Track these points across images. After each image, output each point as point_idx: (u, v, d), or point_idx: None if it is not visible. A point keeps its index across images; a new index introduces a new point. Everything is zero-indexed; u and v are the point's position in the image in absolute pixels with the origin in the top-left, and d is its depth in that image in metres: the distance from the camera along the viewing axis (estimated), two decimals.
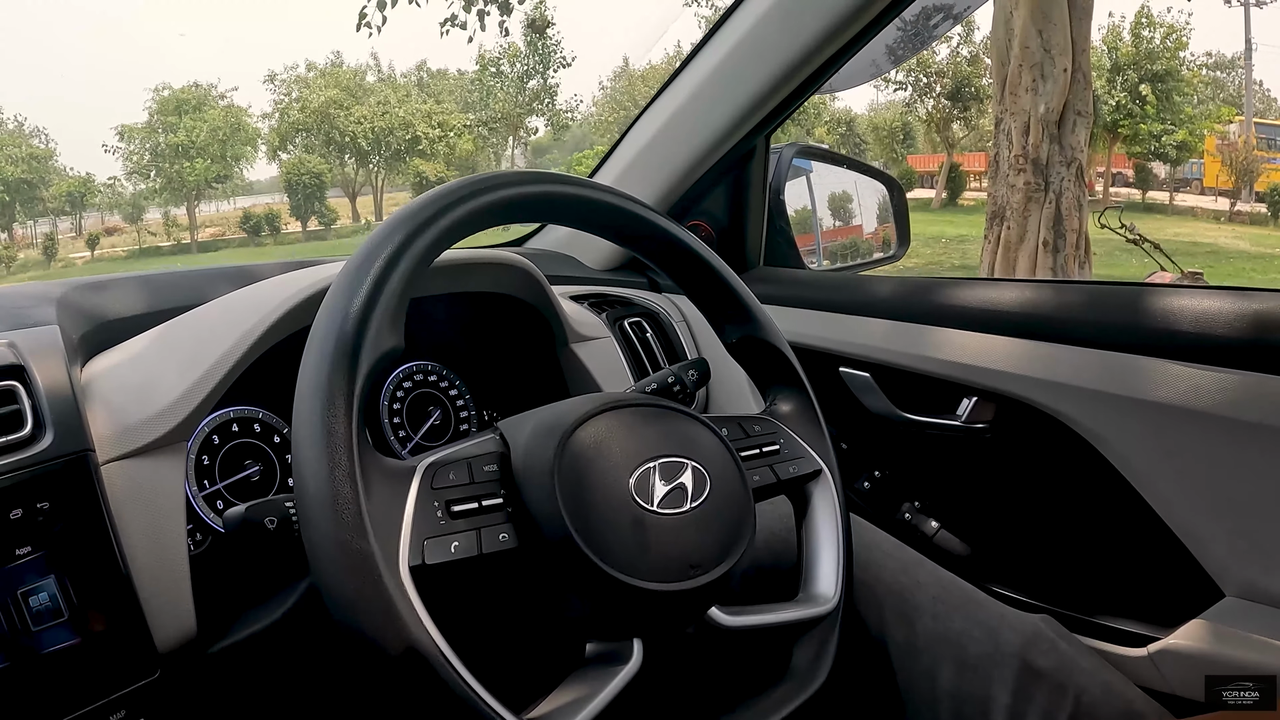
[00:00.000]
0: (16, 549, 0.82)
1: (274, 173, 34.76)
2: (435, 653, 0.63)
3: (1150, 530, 1.14)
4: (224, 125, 31.19)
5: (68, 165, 32.97)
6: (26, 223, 31.50)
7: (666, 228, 0.95)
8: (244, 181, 35.02)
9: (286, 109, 32.86)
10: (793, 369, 1.01)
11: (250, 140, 32.67)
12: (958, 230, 19.05)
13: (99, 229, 32.35)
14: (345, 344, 0.68)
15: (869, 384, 1.42)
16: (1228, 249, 18.11)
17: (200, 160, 30.27)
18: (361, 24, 12.67)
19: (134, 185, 31.67)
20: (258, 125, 33.27)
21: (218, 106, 31.87)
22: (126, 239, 32.20)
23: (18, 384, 0.88)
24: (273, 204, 33.93)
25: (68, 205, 31.55)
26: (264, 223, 31.11)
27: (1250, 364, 1.07)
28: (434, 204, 0.77)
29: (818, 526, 0.97)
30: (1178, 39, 24.92)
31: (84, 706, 0.83)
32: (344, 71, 34.22)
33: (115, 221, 33.07)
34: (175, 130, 30.32)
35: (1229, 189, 23.72)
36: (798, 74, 1.43)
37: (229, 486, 1.10)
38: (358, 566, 0.62)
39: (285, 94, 33.35)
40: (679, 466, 0.80)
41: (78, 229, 32.81)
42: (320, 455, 0.64)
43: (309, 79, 33.64)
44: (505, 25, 13.40)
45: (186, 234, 31.44)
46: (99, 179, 32.19)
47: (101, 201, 32.31)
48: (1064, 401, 1.20)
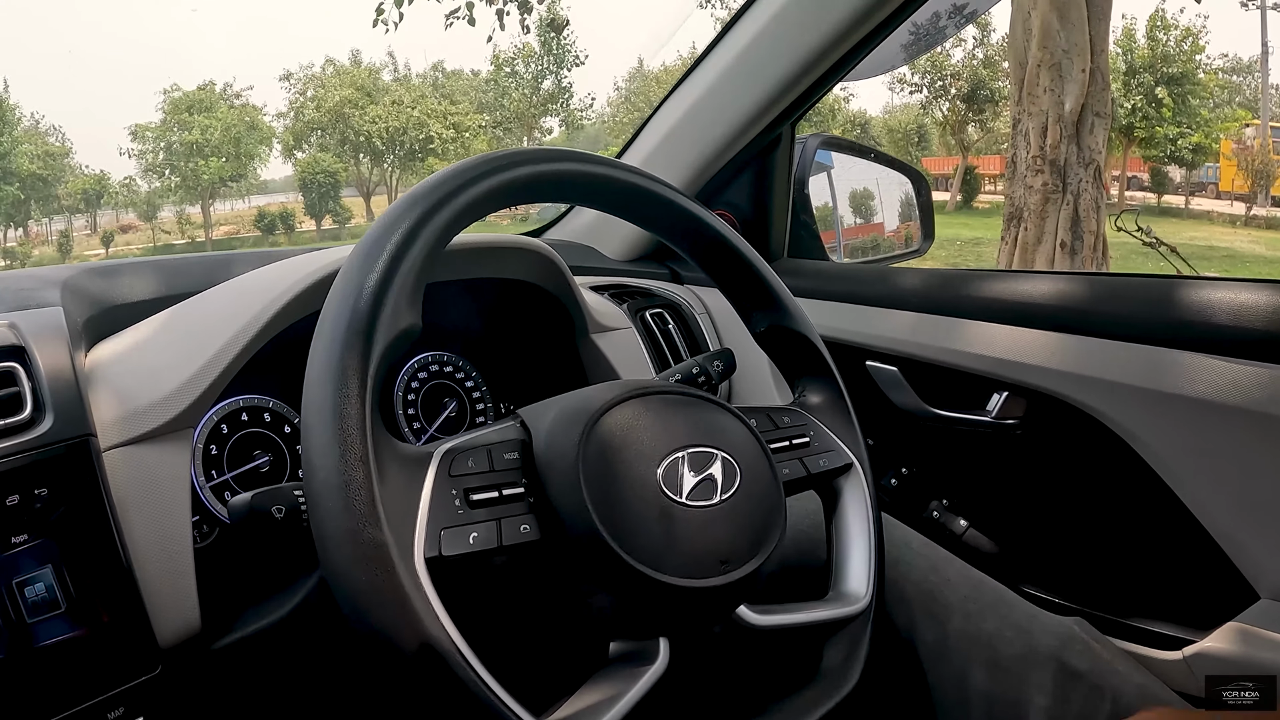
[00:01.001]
0: (12, 536, 0.79)
1: (289, 171, 34.97)
2: (452, 650, 0.60)
3: (1184, 530, 1.11)
4: (239, 124, 31.37)
5: (83, 163, 33.21)
6: (42, 220, 31.71)
7: (694, 211, 0.92)
8: (259, 180, 35.20)
9: (302, 108, 33.05)
10: (823, 360, 0.99)
11: (265, 139, 32.85)
12: (973, 233, 19.10)
13: (114, 226, 32.58)
14: (359, 321, 0.65)
15: (896, 378, 1.39)
16: (1244, 253, 18.12)
17: (215, 159, 30.46)
18: (378, 20, 12.71)
19: (149, 183, 31.89)
20: (273, 124, 33.48)
21: (233, 105, 32.05)
22: (141, 237, 32.43)
23: (18, 366, 0.87)
24: (287, 202, 34.14)
25: (82, 203, 31.78)
26: (278, 221, 31.28)
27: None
28: (452, 180, 0.74)
29: (848, 523, 0.94)
30: (1194, 42, 24.90)
31: (81, 703, 0.81)
32: (359, 71, 34.41)
33: (130, 219, 33.30)
34: (190, 129, 30.49)
35: (1245, 193, 23.70)
36: (825, 59, 1.41)
37: (237, 477, 1.08)
38: (370, 557, 0.59)
39: (300, 93, 33.56)
40: (708, 457, 0.77)
41: (93, 226, 33.05)
42: (331, 439, 0.61)
43: (324, 78, 33.82)
44: (526, 24, 13.44)
45: (201, 232, 31.62)
46: (114, 177, 32.42)
47: (116, 199, 32.51)
48: (1097, 397, 1.17)
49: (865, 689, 0.85)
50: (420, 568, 0.62)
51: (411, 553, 0.62)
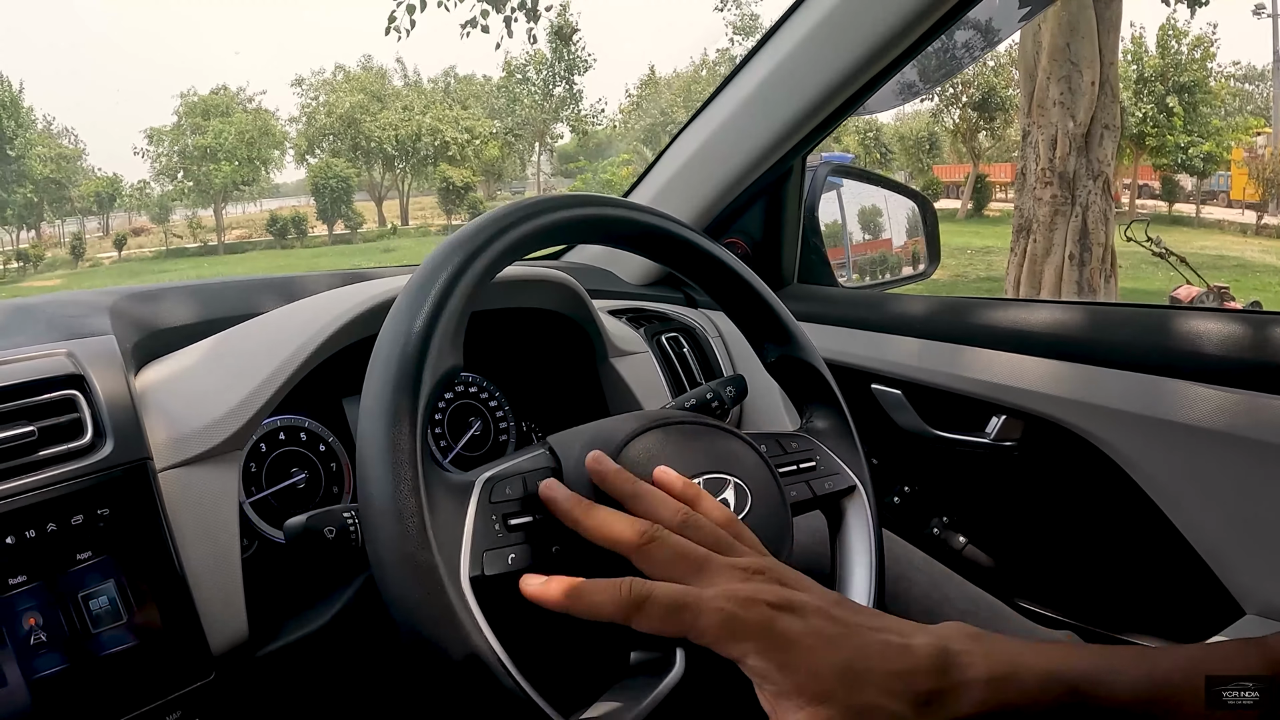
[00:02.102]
0: (78, 554, 0.84)
1: (301, 176, 34.92)
2: (495, 660, 0.65)
3: (1173, 548, 1.16)
4: (252, 128, 31.32)
5: (96, 165, 33.23)
6: (54, 222, 31.72)
7: (708, 248, 0.97)
8: (271, 184, 35.19)
9: (314, 113, 33.03)
10: (829, 387, 1.03)
11: (278, 144, 32.83)
12: (983, 241, 18.98)
13: (126, 229, 32.55)
14: (408, 365, 0.71)
15: (900, 401, 1.44)
16: (1255, 263, 17.97)
17: (227, 163, 30.43)
18: (390, 27, 12.67)
19: (161, 186, 31.87)
20: (285, 129, 33.43)
21: (246, 110, 32.01)
22: (153, 240, 32.42)
23: (78, 393, 0.91)
24: (299, 207, 34.08)
25: (95, 205, 31.77)
26: (290, 225, 31.24)
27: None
28: (491, 226, 0.79)
29: (851, 542, 0.98)
30: (1205, 50, 24.77)
31: (141, 707, 0.85)
32: (371, 76, 34.35)
33: (142, 222, 33.30)
34: (203, 133, 30.47)
35: (1256, 201, 23.54)
36: (837, 96, 1.44)
37: (276, 494, 1.13)
38: (422, 578, 0.65)
39: (313, 98, 33.53)
40: (722, 483, 0.83)
41: (105, 229, 33.06)
42: (386, 471, 0.67)
43: (336, 83, 33.76)
44: (533, 33, 13.38)
45: (213, 235, 31.60)
46: (127, 180, 32.42)
47: (129, 202, 32.50)
48: (1091, 421, 1.21)
49: None
50: (466, 586, 0.67)
51: (458, 573, 0.68)
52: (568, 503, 0.73)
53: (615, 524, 0.71)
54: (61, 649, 0.82)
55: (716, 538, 0.73)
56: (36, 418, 0.87)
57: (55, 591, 0.83)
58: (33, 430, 0.85)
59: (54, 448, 0.86)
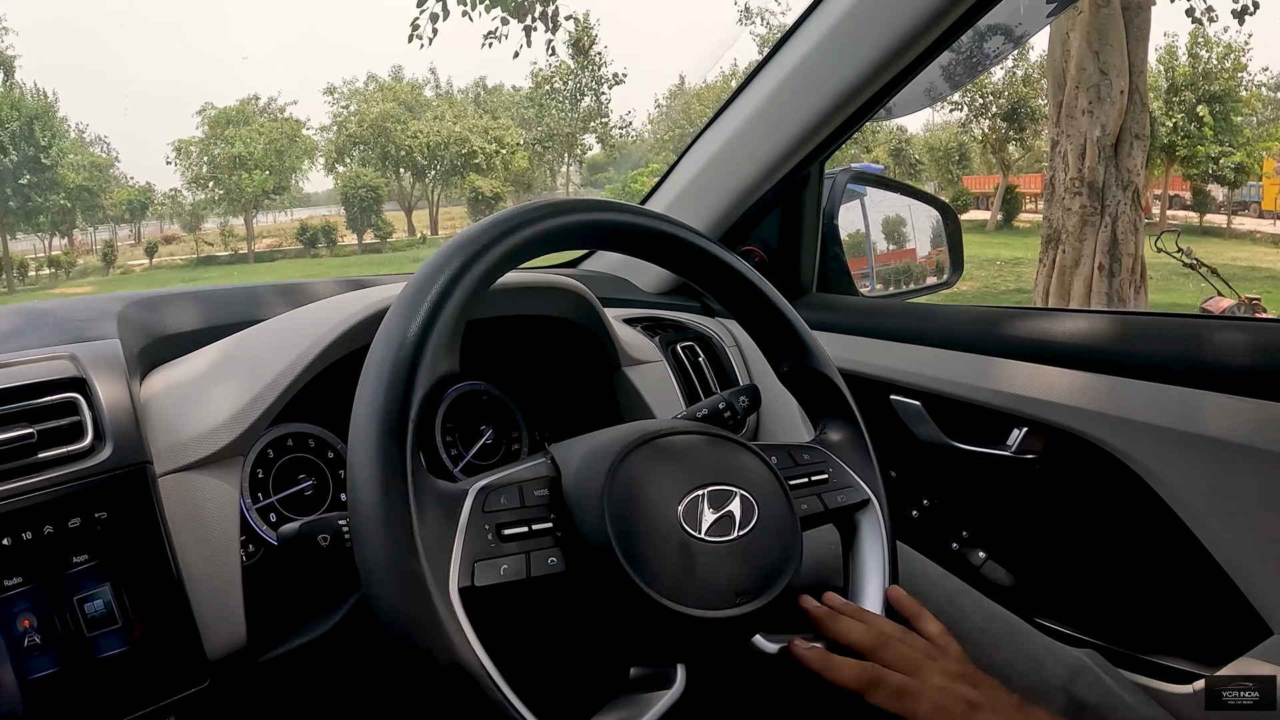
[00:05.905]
0: (74, 556, 0.84)
1: (331, 185, 35.12)
2: (481, 672, 0.64)
3: (1199, 565, 1.13)
4: (281, 137, 31.55)
5: (128, 174, 33.54)
6: (87, 229, 32.02)
7: (721, 256, 0.95)
8: (301, 193, 35.36)
9: (344, 122, 33.18)
10: (843, 399, 1.01)
11: (308, 152, 33.02)
12: (1013, 253, 18.86)
13: (158, 237, 32.84)
14: (401, 369, 0.69)
15: (920, 412, 1.41)
16: None
17: (258, 172, 30.63)
18: (413, 35, 12.73)
19: (193, 195, 32.14)
20: (315, 138, 33.64)
21: (276, 119, 32.24)
22: (184, 248, 32.66)
23: (79, 396, 0.91)
24: (329, 216, 34.27)
25: (127, 213, 32.05)
26: (320, 234, 31.37)
27: None
28: (490, 231, 0.78)
29: (864, 556, 0.97)
30: (1236, 59, 24.56)
31: (135, 711, 0.85)
32: (401, 86, 34.54)
33: (174, 230, 33.58)
34: (233, 142, 30.71)
35: None
36: (851, 102, 1.42)
37: (283, 500, 1.13)
38: (408, 586, 0.64)
39: (343, 107, 33.72)
40: (727, 495, 0.81)
41: (137, 237, 33.37)
42: (375, 477, 0.65)
43: (366, 93, 33.97)
44: (552, 44, 13.43)
45: (244, 244, 31.82)
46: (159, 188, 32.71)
47: (161, 210, 32.79)
48: (1114, 434, 1.19)
49: (878, 717, 0.88)
50: (454, 596, 0.66)
51: (446, 583, 0.66)
52: (819, 612, 0.91)
53: (853, 630, 0.88)
54: (55, 651, 0.82)
55: (928, 649, 0.89)
56: (37, 420, 0.87)
57: (51, 594, 0.83)
58: (32, 432, 0.85)
59: (53, 450, 0.86)
